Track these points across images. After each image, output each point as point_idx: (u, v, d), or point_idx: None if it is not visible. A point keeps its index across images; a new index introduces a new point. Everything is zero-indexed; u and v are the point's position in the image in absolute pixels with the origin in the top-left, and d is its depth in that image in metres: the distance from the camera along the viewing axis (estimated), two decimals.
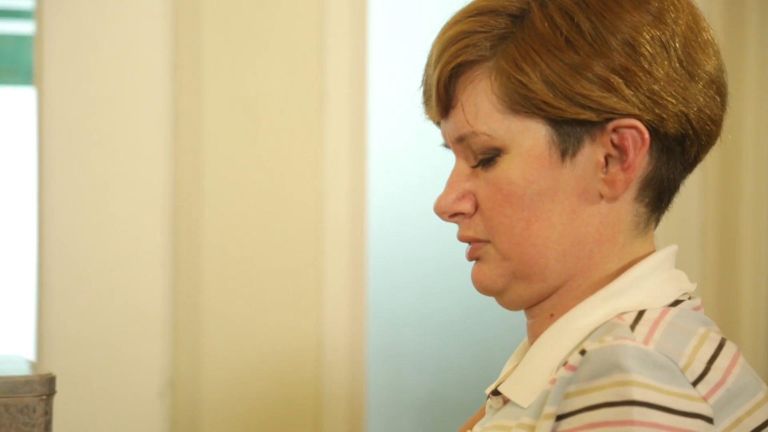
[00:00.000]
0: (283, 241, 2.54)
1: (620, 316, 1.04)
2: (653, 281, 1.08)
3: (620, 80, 1.04)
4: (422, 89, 1.13)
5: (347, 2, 2.55)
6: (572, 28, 1.05)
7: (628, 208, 1.08)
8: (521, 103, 1.05)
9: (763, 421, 1.03)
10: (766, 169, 2.94)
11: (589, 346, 1.00)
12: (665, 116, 1.06)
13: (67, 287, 2.40)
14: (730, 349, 1.05)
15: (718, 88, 1.09)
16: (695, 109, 1.07)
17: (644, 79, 1.04)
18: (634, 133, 1.05)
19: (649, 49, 1.05)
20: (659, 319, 1.03)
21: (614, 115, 1.05)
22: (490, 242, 1.09)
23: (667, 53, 1.05)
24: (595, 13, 1.05)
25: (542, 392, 1.03)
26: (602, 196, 1.07)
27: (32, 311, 2.38)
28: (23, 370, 1.46)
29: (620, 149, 1.06)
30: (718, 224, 2.93)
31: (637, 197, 1.09)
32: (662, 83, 1.05)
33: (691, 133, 1.07)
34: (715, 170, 2.91)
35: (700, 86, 1.07)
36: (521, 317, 1.14)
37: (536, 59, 1.04)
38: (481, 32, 1.07)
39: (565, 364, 1.02)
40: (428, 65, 1.11)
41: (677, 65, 1.06)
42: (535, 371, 1.07)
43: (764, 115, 2.94)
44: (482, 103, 1.07)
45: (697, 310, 1.09)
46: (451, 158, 1.15)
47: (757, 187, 2.94)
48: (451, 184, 1.10)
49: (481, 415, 1.24)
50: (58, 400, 1.46)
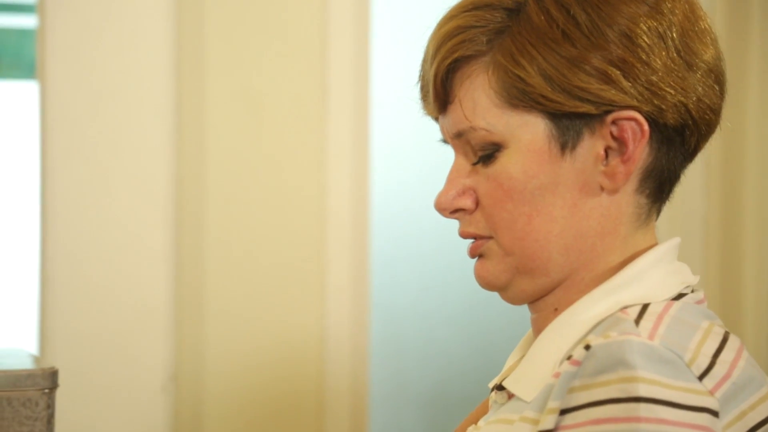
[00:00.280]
0: (285, 236, 2.54)
1: (624, 310, 1.04)
2: (656, 274, 1.08)
3: (618, 72, 1.04)
4: (419, 85, 1.12)
5: None
6: (569, 20, 1.04)
7: (629, 199, 1.08)
8: (519, 97, 1.05)
9: (766, 415, 1.03)
10: None
11: (593, 340, 1.00)
12: (664, 107, 1.05)
13: (69, 281, 2.40)
14: (734, 342, 1.05)
15: (716, 76, 1.09)
16: (694, 98, 1.07)
17: (642, 70, 1.04)
18: (633, 124, 1.05)
19: (646, 40, 1.05)
20: (663, 313, 1.03)
21: (613, 107, 1.04)
22: (492, 238, 1.09)
23: (664, 44, 1.05)
24: (591, 5, 1.05)
25: (546, 386, 1.03)
26: (603, 188, 1.07)
27: (35, 305, 2.39)
28: (26, 363, 1.46)
29: (620, 141, 1.06)
30: (721, 218, 2.93)
31: (638, 189, 1.08)
32: (660, 74, 1.05)
33: (690, 123, 1.07)
34: (718, 164, 2.91)
35: (698, 76, 1.07)
36: (523, 311, 1.14)
37: (533, 53, 1.04)
38: (477, 27, 1.07)
39: (569, 358, 1.01)
40: (425, 61, 1.11)
41: (675, 55, 1.06)
42: (538, 365, 1.07)
43: (767, 107, 2.93)
44: (480, 98, 1.07)
45: (700, 303, 1.09)
46: (452, 153, 1.15)
47: (760, 180, 2.94)
48: (450, 180, 1.10)
49: (483, 408, 1.24)
50: (60, 393, 1.47)
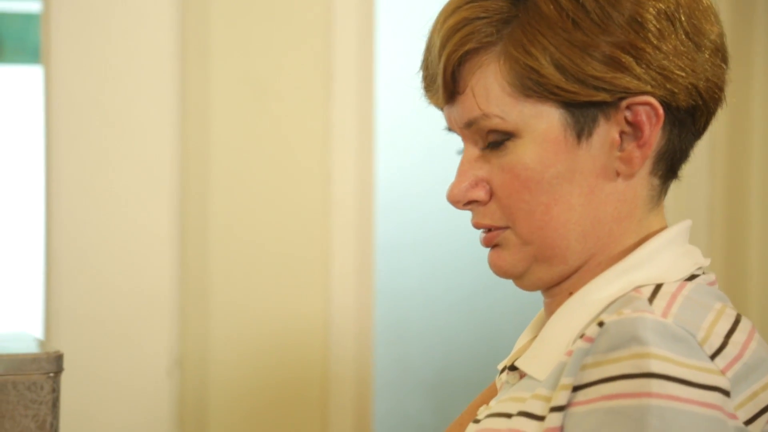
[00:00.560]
0: (290, 222, 2.55)
1: (637, 289, 1.04)
2: (668, 255, 1.08)
3: (630, 58, 1.04)
4: (423, 75, 1.11)
5: None
6: (578, 8, 1.04)
7: (643, 182, 1.08)
8: (533, 88, 1.05)
9: None
10: None
11: (607, 318, 1.00)
12: (676, 90, 1.06)
13: (75, 265, 2.40)
14: (746, 324, 1.05)
15: (722, 54, 1.09)
16: (704, 79, 1.07)
17: (654, 54, 1.04)
18: (648, 109, 1.05)
19: (655, 24, 1.04)
20: (676, 292, 1.03)
21: (628, 93, 1.04)
22: (508, 228, 1.09)
23: (673, 26, 1.05)
24: None
25: (558, 364, 1.04)
26: (619, 173, 1.07)
27: (40, 289, 2.39)
28: (31, 347, 1.47)
29: (635, 126, 1.06)
30: (726, 203, 2.93)
31: (652, 171, 1.09)
32: (671, 57, 1.05)
33: (701, 103, 1.08)
34: (722, 149, 2.90)
35: (706, 56, 1.07)
36: (528, 296, 1.14)
37: (544, 43, 1.04)
38: (483, 18, 1.06)
39: (582, 336, 1.02)
40: (429, 52, 1.10)
41: (684, 38, 1.06)
42: (551, 345, 1.07)
43: None
44: (492, 87, 1.06)
45: (712, 285, 1.10)
46: (457, 140, 1.14)
47: (765, 163, 2.94)
48: (462, 171, 1.09)
49: (491, 391, 1.25)
50: (65, 378, 1.47)
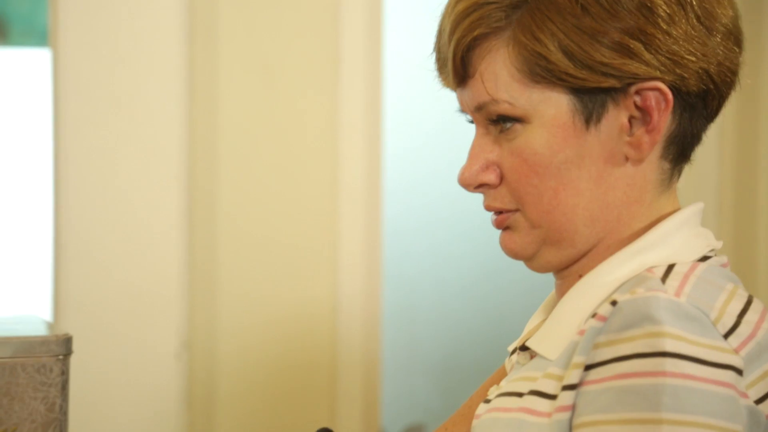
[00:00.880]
0: (298, 203, 2.55)
1: (650, 269, 1.05)
2: (681, 237, 1.08)
3: (639, 44, 1.03)
4: (435, 57, 1.12)
5: None
6: None
7: (653, 167, 1.08)
8: (542, 74, 1.05)
9: None
10: None
11: (620, 297, 1.00)
12: (686, 75, 1.05)
13: (83, 249, 2.41)
14: (758, 305, 1.06)
15: (735, 38, 1.08)
16: (715, 63, 1.06)
17: (663, 40, 1.04)
18: (657, 94, 1.05)
19: (665, 9, 1.04)
20: (689, 272, 1.04)
21: (636, 79, 1.04)
22: (518, 210, 1.09)
23: (684, 11, 1.05)
24: None
25: (570, 343, 1.04)
26: (628, 158, 1.07)
27: (49, 272, 2.39)
28: (40, 330, 1.47)
29: (644, 111, 1.05)
30: (735, 187, 2.92)
31: (662, 155, 1.09)
32: (681, 42, 1.04)
33: (712, 87, 1.07)
34: (731, 133, 2.90)
35: (718, 40, 1.06)
36: (536, 281, 1.14)
37: (553, 29, 1.04)
38: (492, 3, 1.06)
39: (594, 315, 1.02)
40: (440, 36, 1.10)
41: (695, 22, 1.05)
42: (563, 325, 1.07)
43: None
44: (501, 72, 1.06)
45: (724, 266, 1.10)
46: (466, 123, 1.14)
47: None
48: (473, 155, 1.10)
49: (500, 373, 1.25)
50: (74, 360, 1.47)
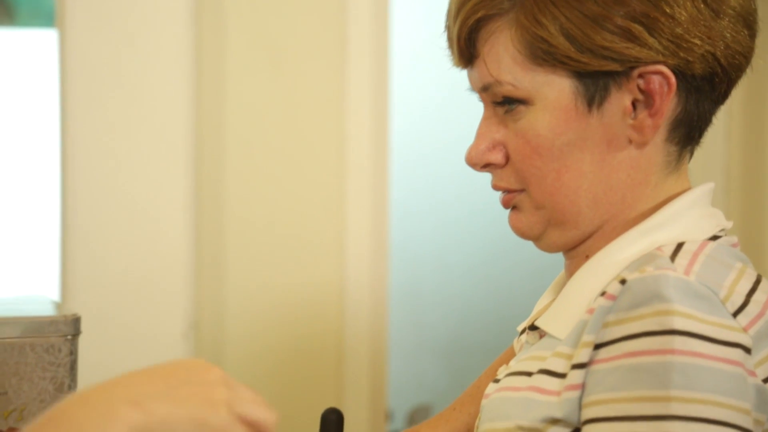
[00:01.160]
0: (305, 184, 2.55)
1: (659, 248, 1.05)
2: (691, 216, 1.08)
3: (641, 28, 1.03)
4: (446, 36, 1.12)
5: None
6: None
7: (658, 149, 1.08)
8: (544, 57, 1.05)
9: None
10: None
11: (629, 275, 1.00)
12: (691, 58, 1.05)
13: (91, 228, 2.41)
14: (766, 284, 1.06)
15: (745, 20, 1.07)
16: (722, 46, 1.06)
17: (666, 24, 1.03)
18: (660, 78, 1.04)
19: None
20: (698, 251, 1.04)
21: (639, 63, 1.04)
22: (524, 190, 1.09)
23: None
24: None
25: (579, 322, 1.04)
26: (631, 141, 1.07)
27: (57, 252, 2.40)
28: (48, 310, 1.47)
29: (647, 94, 1.05)
30: (743, 168, 2.91)
31: (667, 138, 1.08)
32: (686, 26, 1.04)
33: (719, 70, 1.06)
34: (739, 112, 2.89)
35: (725, 22, 1.06)
36: (542, 261, 1.14)
37: (555, 12, 1.04)
38: None
39: (603, 294, 1.02)
40: (448, 16, 1.11)
41: (701, 5, 1.04)
42: (572, 304, 1.07)
43: None
44: (504, 55, 1.06)
45: (734, 246, 1.10)
46: (473, 102, 1.14)
47: None
48: (480, 134, 1.10)
49: (508, 355, 1.25)
50: (82, 340, 1.48)
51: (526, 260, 3.68)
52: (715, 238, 1.08)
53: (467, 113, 1.12)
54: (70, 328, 1.43)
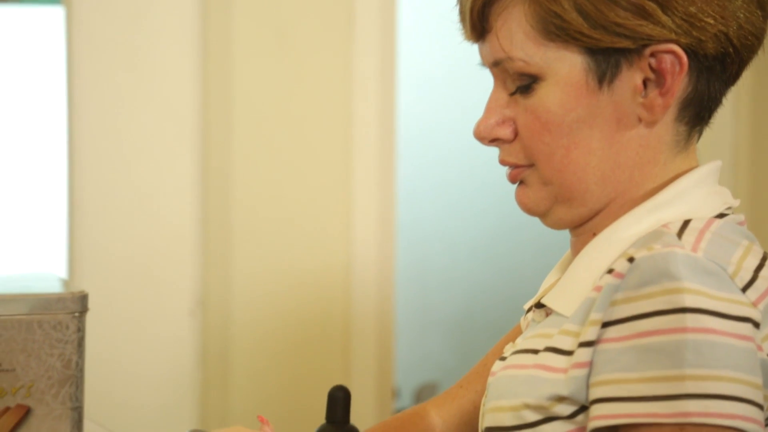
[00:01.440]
0: (312, 162, 2.55)
1: (665, 225, 1.05)
2: (698, 194, 1.08)
3: (655, 6, 1.02)
4: (458, 9, 1.12)
5: None
6: None
7: (668, 129, 1.08)
8: (556, 32, 1.04)
9: None
10: None
11: (636, 253, 1.00)
12: (704, 38, 1.04)
13: (98, 206, 2.41)
14: None
15: (759, 0, 1.07)
16: (735, 26, 1.05)
17: (680, 2, 1.03)
18: (671, 57, 1.04)
19: None
20: (704, 228, 1.04)
21: (651, 41, 1.03)
22: (532, 166, 1.09)
23: None
24: None
25: (586, 299, 1.04)
26: (641, 120, 1.06)
27: (64, 229, 2.40)
28: (56, 287, 1.48)
29: (658, 73, 1.05)
30: (750, 145, 2.91)
31: (677, 117, 1.08)
32: (699, 4, 1.03)
33: (731, 51, 1.06)
34: (748, 91, 2.88)
35: (739, 3, 1.05)
36: (548, 239, 1.14)
37: None
38: None
39: (611, 271, 1.02)
40: None
41: None
42: (578, 281, 1.07)
43: None
44: (517, 30, 1.06)
45: (741, 224, 1.10)
46: (480, 80, 1.14)
47: None
48: (490, 108, 1.10)
49: (515, 333, 1.25)
50: (90, 317, 1.48)
51: (533, 239, 3.68)
52: (721, 216, 1.08)
53: (475, 92, 1.12)
54: (77, 305, 1.44)
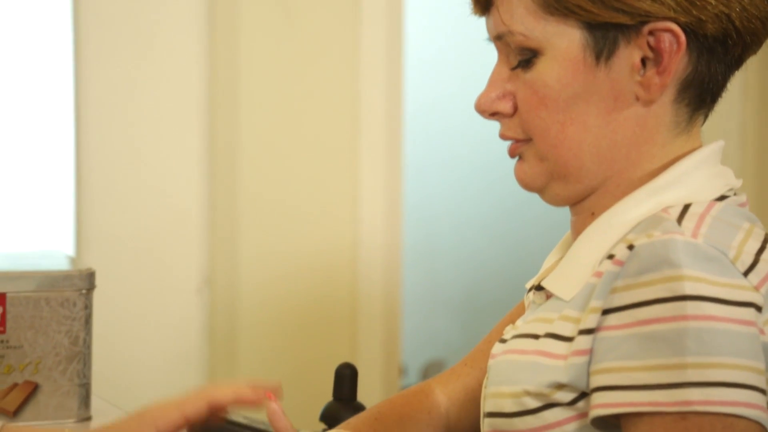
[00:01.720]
0: (319, 141, 2.55)
1: (665, 209, 1.04)
2: (699, 176, 1.07)
3: None
4: None
5: None
6: None
7: (667, 109, 1.07)
8: (555, 5, 1.04)
9: None
10: None
11: (636, 240, 1.00)
12: (704, 17, 1.04)
13: (105, 184, 2.42)
14: None
15: None
16: (738, 8, 1.05)
17: None
18: (669, 36, 1.03)
19: None
20: (704, 213, 1.03)
21: (649, 18, 1.03)
22: (530, 140, 1.09)
23: None
24: None
25: (586, 285, 1.04)
26: (638, 98, 1.06)
27: (71, 207, 2.41)
28: (63, 265, 1.48)
29: (656, 52, 1.04)
30: (757, 124, 2.90)
31: (676, 98, 1.07)
32: None
33: (733, 33, 1.05)
34: (755, 70, 2.87)
35: None
36: (555, 217, 1.14)
37: None
38: None
39: (611, 257, 1.02)
40: None
41: None
42: (578, 265, 1.07)
43: None
44: (518, 4, 1.06)
45: (742, 206, 1.09)
46: (488, 58, 1.14)
47: None
48: (492, 82, 1.10)
49: (519, 310, 1.25)
50: (97, 294, 1.49)
51: (540, 216, 3.68)
52: (722, 198, 1.08)
53: (482, 70, 1.12)
54: (85, 282, 1.44)
